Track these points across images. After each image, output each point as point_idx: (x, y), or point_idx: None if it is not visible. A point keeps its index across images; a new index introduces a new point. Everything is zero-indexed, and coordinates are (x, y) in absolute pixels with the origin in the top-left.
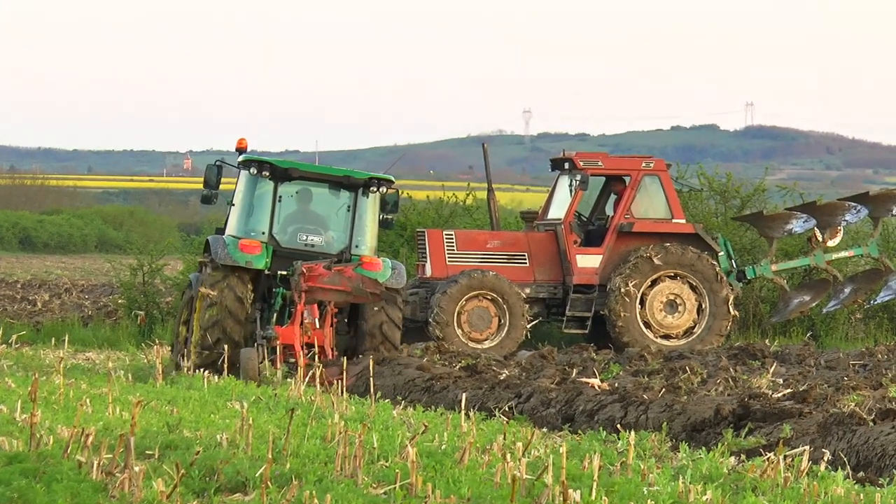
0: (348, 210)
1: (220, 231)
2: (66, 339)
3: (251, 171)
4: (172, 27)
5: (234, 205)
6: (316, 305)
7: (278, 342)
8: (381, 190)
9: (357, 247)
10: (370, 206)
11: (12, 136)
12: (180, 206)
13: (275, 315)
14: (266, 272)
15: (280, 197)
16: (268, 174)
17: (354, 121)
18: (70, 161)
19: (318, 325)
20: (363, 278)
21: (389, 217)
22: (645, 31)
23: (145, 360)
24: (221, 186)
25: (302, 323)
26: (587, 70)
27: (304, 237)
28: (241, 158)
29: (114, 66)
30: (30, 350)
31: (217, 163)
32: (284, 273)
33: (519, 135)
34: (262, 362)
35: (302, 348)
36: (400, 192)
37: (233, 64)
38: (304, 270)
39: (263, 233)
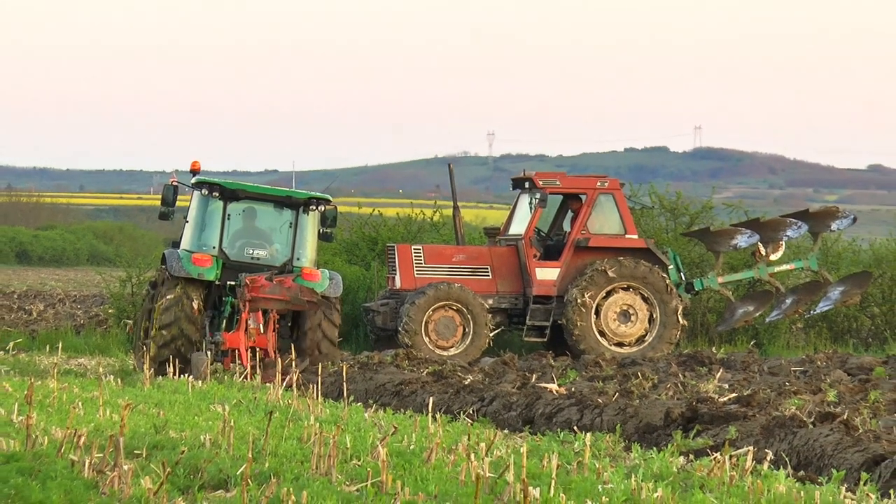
0: (290, 226)
1: (176, 245)
2: (60, 346)
3: (202, 191)
4: (158, 55)
5: (188, 221)
6: (260, 313)
7: (225, 346)
8: (319, 208)
9: (298, 259)
10: (310, 223)
11: (9, 156)
12: (166, 222)
13: (224, 321)
14: (216, 283)
15: (229, 215)
16: (217, 195)
17: (331, 142)
18: (63, 180)
19: (262, 331)
20: (301, 288)
21: (329, 231)
22: (600, 58)
23: (133, 366)
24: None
25: (247, 329)
26: (547, 95)
27: (251, 251)
28: (193, 180)
29: (105, 90)
30: (26, 356)
31: (174, 183)
32: (233, 283)
33: (482, 156)
34: (211, 364)
35: (247, 351)
36: (375, 210)
37: (215, 88)
38: (248, 282)
39: (214, 247)
